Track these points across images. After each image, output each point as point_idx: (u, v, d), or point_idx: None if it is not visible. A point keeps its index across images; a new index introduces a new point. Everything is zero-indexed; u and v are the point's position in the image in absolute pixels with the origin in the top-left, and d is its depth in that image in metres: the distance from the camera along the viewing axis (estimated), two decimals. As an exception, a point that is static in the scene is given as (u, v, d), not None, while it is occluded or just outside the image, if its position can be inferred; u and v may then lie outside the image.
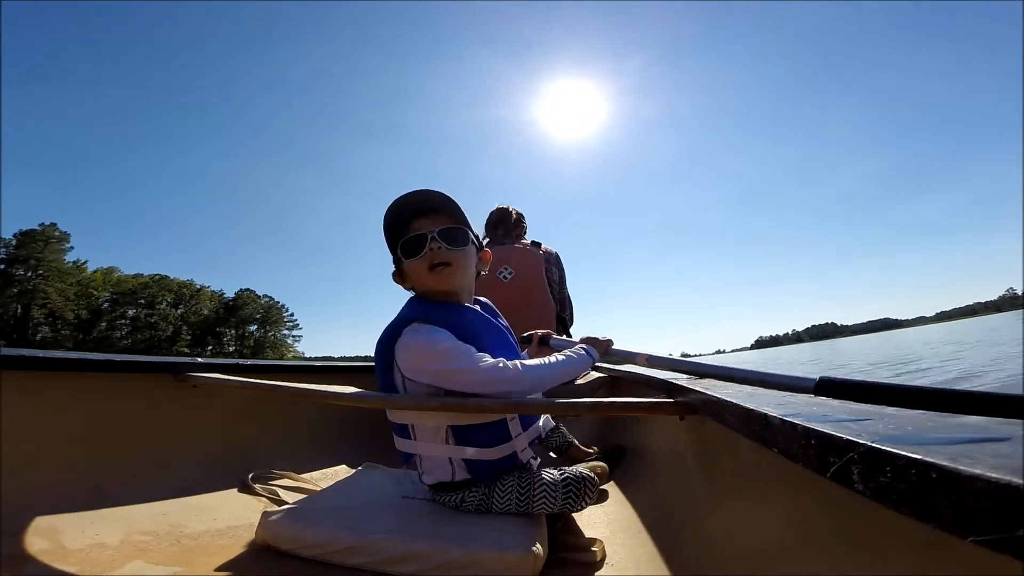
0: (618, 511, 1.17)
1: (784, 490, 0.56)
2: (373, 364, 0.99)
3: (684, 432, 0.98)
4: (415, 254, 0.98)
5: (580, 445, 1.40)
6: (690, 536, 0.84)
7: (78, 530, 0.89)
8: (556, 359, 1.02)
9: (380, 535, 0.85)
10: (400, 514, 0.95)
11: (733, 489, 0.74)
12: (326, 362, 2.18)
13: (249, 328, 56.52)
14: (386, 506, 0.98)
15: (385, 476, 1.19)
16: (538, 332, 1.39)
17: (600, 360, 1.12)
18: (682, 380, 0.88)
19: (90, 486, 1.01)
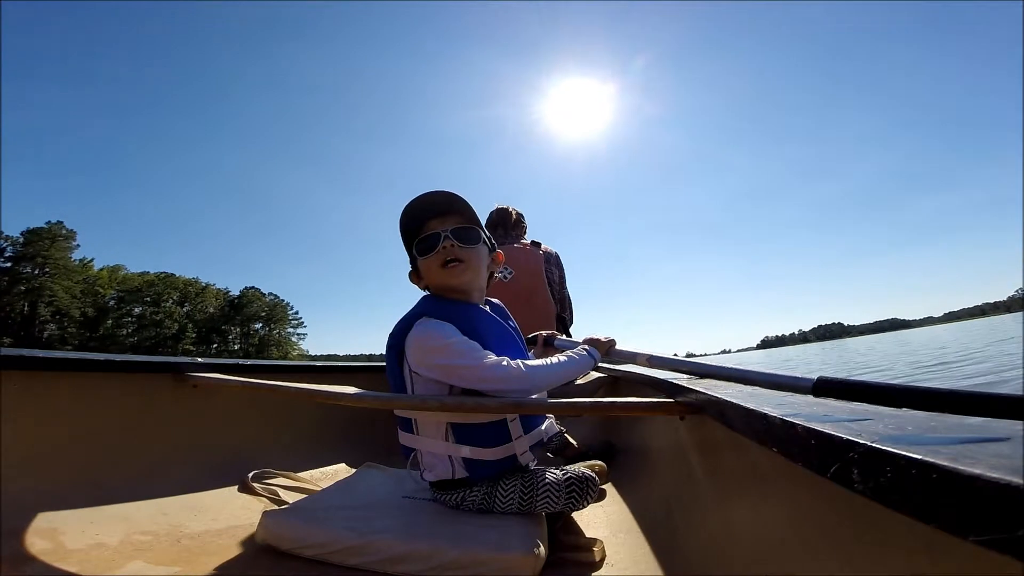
0: (618, 511, 1.17)
1: (784, 490, 0.56)
2: (373, 364, 0.99)
3: (684, 432, 0.98)
4: (429, 252, 1.01)
5: (575, 444, 1.40)
6: (690, 536, 0.84)
7: (78, 530, 0.89)
8: (559, 359, 1.03)
9: (380, 535, 0.85)
10: (401, 514, 0.95)
11: (733, 489, 0.74)
12: (326, 362, 2.18)
13: (254, 326, 56.59)
14: (386, 506, 0.98)
15: (386, 476, 1.20)
16: (543, 333, 1.39)
17: (602, 360, 1.12)
18: (682, 380, 0.88)
19: (90, 486, 1.01)
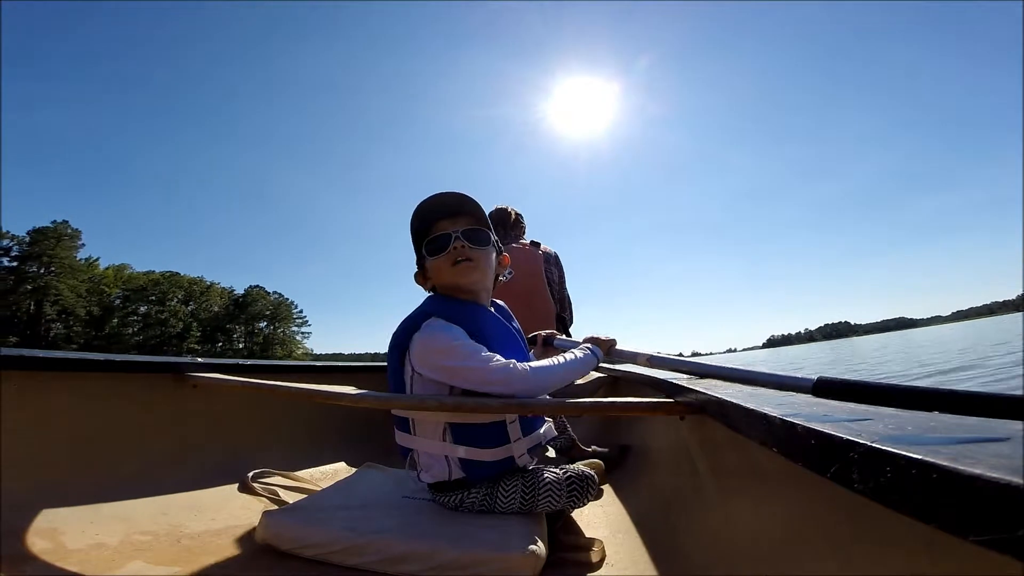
0: (618, 511, 1.17)
1: (784, 490, 0.56)
2: (373, 364, 0.99)
3: (684, 432, 0.98)
4: (439, 252, 1.01)
5: (581, 445, 1.40)
6: (690, 536, 0.84)
7: (78, 530, 0.89)
8: (563, 360, 1.02)
9: (380, 535, 0.85)
10: (400, 514, 0.95)
11: (733, 489, 0.74)
12: (329, 361, 2.18)
13: (259, 324, 56.54)
14: (386, 506, 0.98)
15: (385, 476, 1.20)
16: (542, 333, 1.39)
17: (604, 360, 1.12)
18: (683, 380, 0.88)
19: (90, 486, 1.01)
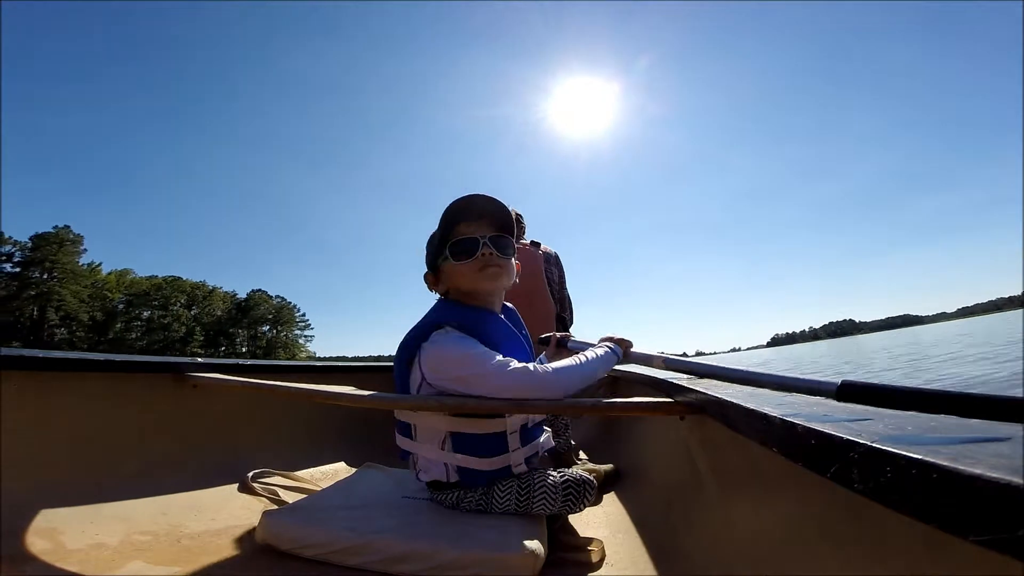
0: (618, 511, 1.17)
1: (784, 490, 0.56)
2: (372, 364, 0.98)
3: (684, 432, 0.98)
4: (466, 257, 0.98)
5: (574, 456, 1.38)
6: (690, 536, 0.84)
7: (78, 530, 0.89)
8: (584, 359, 0.98)
9: (380, 535, 0.85)
10: (400, 514, 0.95)
11: (733, 489, 0.74)
12: (326, 362, 2.18)
13: (261, 328, 56.57)
14: (386, 506, 0.98)
15: (385, 476, 1.20)
16: (555, 334, 1.34)
17: (622, 360, 1.08)
18: (683, 380, 0.88)
19: (90, 486, 1.01)
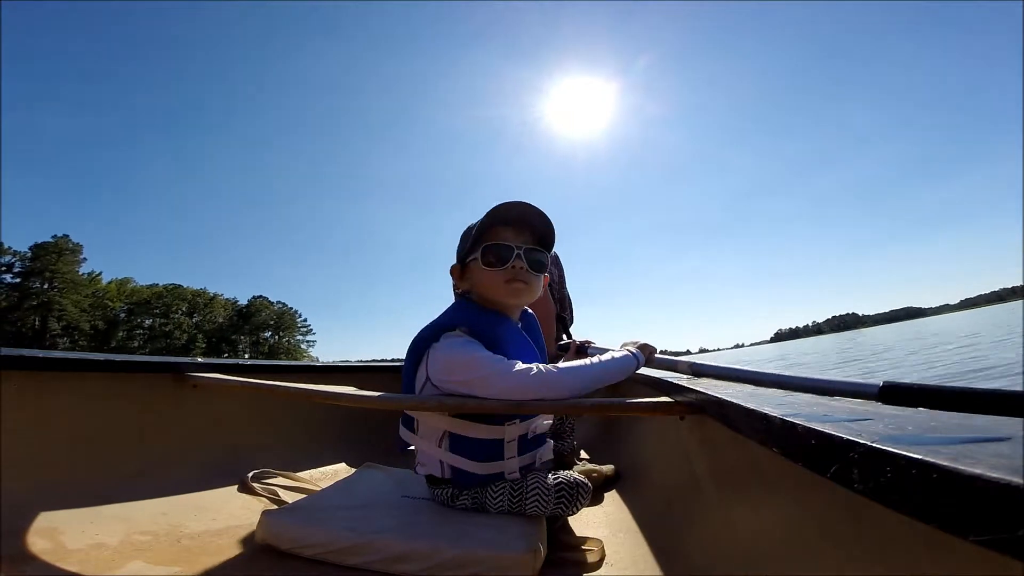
0: (618, 511, 1.17)
1: (784, 490, 0.56)
2: (372, 364, 0.98)
3: (684, 432, 0.98)
4: (498, 264, 0.97)
5: (575, 457, 1.38)
6: (690, 536, 0.84)
7: (78, 530, 0.89)
8: (597, 360, 0.97)
9: (380, 535, 0.85)
10: (400, 514, 0.95)
11: (733, 489, 0.74)
12: (325, 362, 2.18)
13: (263, 334, 56.67)
14: (386, 506, 0.98)
15: (385, 476, 1.20)
16: (576, 340, 1.32)
17: (644, 366, 1.04)
18: (682, 380, 0.88)
19: (90, 486, 1.01)
